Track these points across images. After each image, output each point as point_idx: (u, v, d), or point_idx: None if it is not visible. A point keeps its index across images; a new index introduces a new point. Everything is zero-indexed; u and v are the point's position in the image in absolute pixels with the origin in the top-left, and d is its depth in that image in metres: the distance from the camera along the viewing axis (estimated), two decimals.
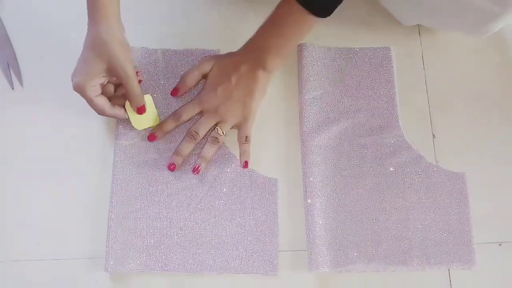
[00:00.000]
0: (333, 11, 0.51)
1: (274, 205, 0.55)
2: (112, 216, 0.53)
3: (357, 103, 0.59)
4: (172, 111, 0.57)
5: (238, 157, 0.56)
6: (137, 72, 0.53)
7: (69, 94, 0.58)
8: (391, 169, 0.57)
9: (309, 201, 0.55)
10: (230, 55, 0.56)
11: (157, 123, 0.56)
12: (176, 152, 0.55)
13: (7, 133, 0.57)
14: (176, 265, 0.52)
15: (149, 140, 0.56)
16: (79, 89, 0.50)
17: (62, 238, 0.54)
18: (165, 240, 0.53)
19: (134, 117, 0.54)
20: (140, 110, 0.53)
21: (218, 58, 0.57)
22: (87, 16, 0.50)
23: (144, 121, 0.55)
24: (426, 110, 0.60)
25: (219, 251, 0.53)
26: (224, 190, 0.55)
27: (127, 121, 0.56)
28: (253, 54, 0.54)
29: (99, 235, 0.53)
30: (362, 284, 0.54)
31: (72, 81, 0.50)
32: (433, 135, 0.59)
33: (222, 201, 0.55)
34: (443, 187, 0.56)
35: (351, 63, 0.60)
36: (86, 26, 0.54)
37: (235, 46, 0.58)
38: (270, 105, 0.59)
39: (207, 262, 0.53)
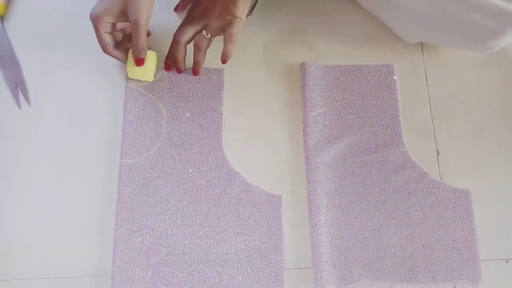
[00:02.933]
0: None
1: (279, 222, 0.55)
2: (117, 234, 0.54)
3: (360, 120, 0.59)
4: (177, 124, 0.58)
5: (242, 174, 0.57)
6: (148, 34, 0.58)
7: (75, 113, 0.59)
8: (396, 186, 0.57)
9: (313, 218, 0.55)
10: None
11: (150, 80, 0.59)
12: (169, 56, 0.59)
13: (14, 152, 0.58)
14: (181, 282, 0.53)
15: (166, 70, 0.59)
16: (93, 21, 0.53)
17: (69, 257, 0.54)
18: (170, 258, 0.53)
19: (131, 66, 0.57)
20: (138, 62, 0.57)
21: None
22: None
23: (138, 73, 0.58)
24: (430, 126, 0.60)
25: (224, 268, 0.53)
26: (229, 207, 0.55)
27: (131, 140, 0.57)
28: None
29: (106, 253, 0.54)
30: None
31: (90, 12, 0.53)
32: (437, 151, 0.59)
33: (227, 218, 0.55)
34: (448, 204, 0.56)
35: (354, 80, 0.61)
36: (93, 46, 0.55)
37: (239, 65, 0.59)
38: (274, 122, 0.60)
39: (212, 279, 0.53)
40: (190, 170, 0.57)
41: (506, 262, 0.56)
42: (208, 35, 0.56)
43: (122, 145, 0.57)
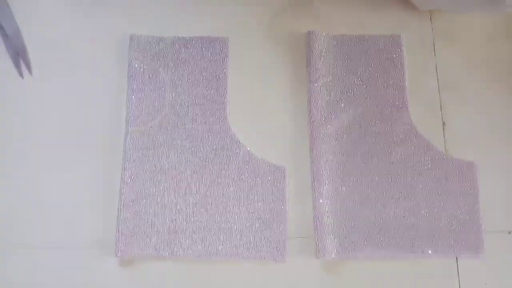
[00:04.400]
0: None
1: (283, 193, 0.55)
2: (122, 202, 0.54)
3: (366, 90, 0.59)
4: (181, 93, 0.57)
5: (246, 145, 0.57)
6: None
7: (78, 82, 0.59)
8: (400, 157, 0.56)
9: (317, 188, 0.55)
10: None
11: None
12: None
13: (18, 121, 0.58)
14: (184, 250, 0.53)
15: None
16: None
17: (73, 224, 0.55)
18: (174, 226, 0.54)
19: None
20: None
21: None
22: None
23: None
24: (436, 97, 0.59)
25: (228, 236, 0.54)
26: (233, 177, 0.56)
27: (135, 109, 0.56)
28: None
29: (109, 221, 0.54)
30: (370, 271, 0.54)
31: None
32: (443, 122, 0.59)
33: (231, 188, 0.55)
34: (452, 176, 0.56)
35: (360, 50, 0.60)
36: (97, 17, 0.54)
37: (244, 33, 0.58)
38: (279, 93, 0.59)
39: (215, 247, 0.54)
40: (194, 140, 0.57)
41: (508, 233, 0.56)
42: None
43: (127, 113, 0.57)
